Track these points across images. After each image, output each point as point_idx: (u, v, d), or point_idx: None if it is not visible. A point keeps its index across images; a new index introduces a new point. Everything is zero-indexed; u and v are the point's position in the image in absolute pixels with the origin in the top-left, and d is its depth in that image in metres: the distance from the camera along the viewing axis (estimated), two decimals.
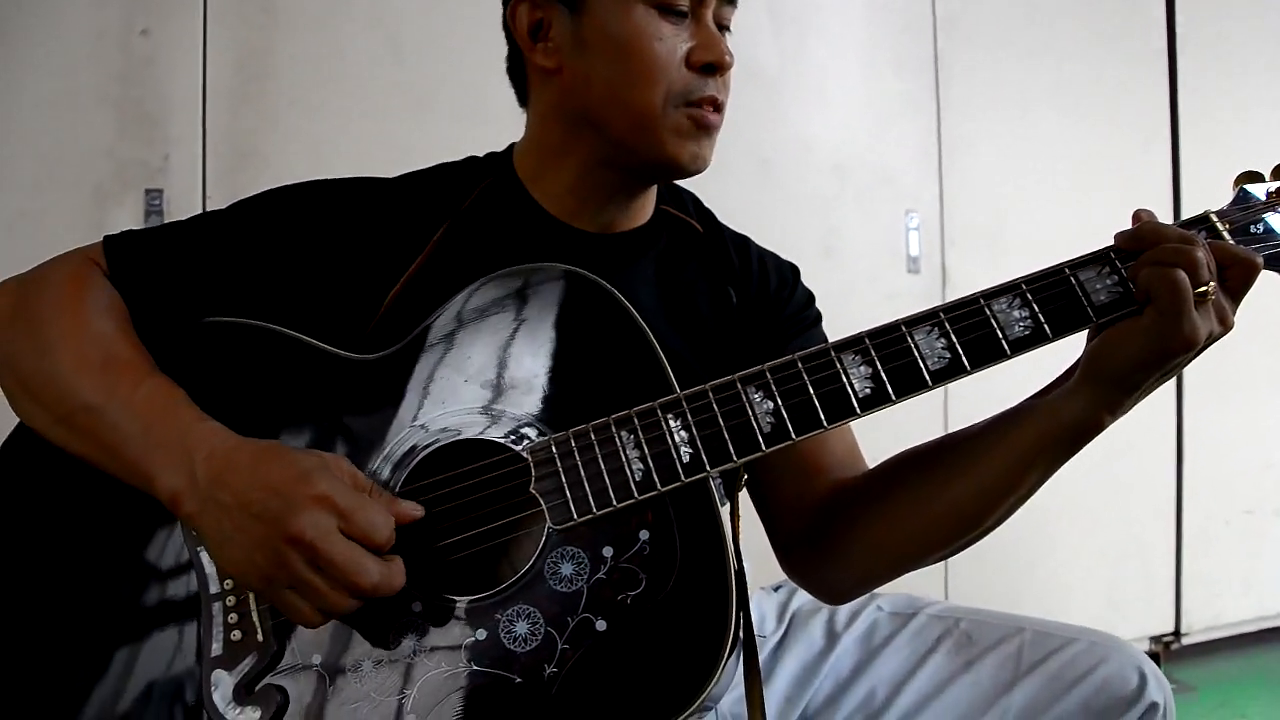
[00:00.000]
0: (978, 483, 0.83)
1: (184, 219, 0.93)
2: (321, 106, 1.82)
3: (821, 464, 0.96)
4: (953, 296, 0.79)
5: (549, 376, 0.81)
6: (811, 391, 0.78)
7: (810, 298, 1.06)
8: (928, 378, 0.78)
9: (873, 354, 0.79)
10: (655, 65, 0.87)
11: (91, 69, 1.70)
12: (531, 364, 0.81)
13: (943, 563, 1.03)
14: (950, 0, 2.43)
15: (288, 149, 1.80)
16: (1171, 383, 2.23)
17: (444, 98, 1.90)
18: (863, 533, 0.90)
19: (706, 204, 1.08)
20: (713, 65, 0.88)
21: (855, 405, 0.78)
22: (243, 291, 0.88)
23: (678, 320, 0.95)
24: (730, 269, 1.01)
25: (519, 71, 0.98)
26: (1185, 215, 0.75)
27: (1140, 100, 2.60)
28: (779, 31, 2.25)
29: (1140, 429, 2.19)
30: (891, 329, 0.79)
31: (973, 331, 0.78)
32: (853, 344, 0.79)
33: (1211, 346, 0.75)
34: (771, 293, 1.02)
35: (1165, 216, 2.46)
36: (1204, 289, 0.72)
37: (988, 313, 0.78)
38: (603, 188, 0.94)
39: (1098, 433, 0.78)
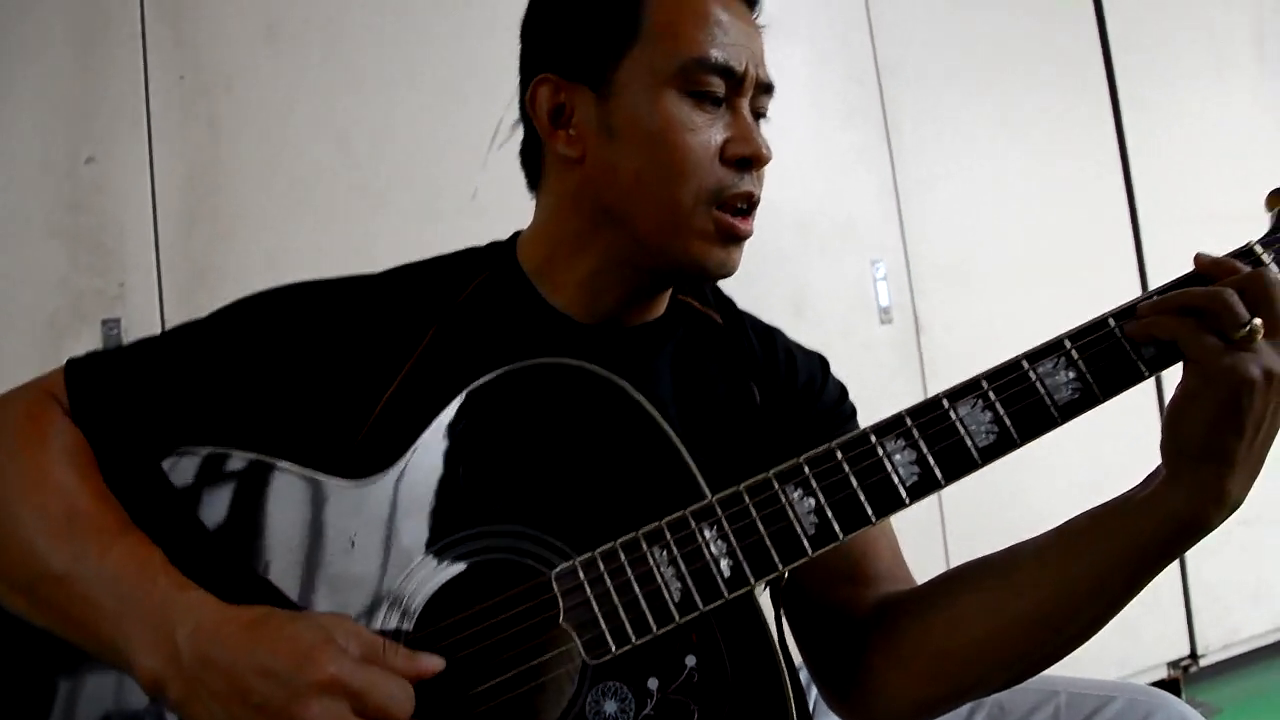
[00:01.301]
0: (1064, 588, 0.74)
1: (154, 335, 0.86)
2: (275, 215, 1.76)
3: (868, 572, 0.88)
4: (928, 343, 0.74)
5: (565, 489, 0.74)
6: (855, 484, 0.73)
7: (843, 392, 0.99)
8: (976, 456, 0.72)
9: (915, 436, 0.73)
10: (688, 159, 0.81)
11: (39, 200, 1.64)
12: (544, 476, 0.75)
13: None
14: (890, 46, 2.44)
15: (245, 262, 1.74)
16: (1153, 394, 2.27)
17: (398, 195, 1.85)
18: (921, 652, 0.80)
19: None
20: (749, 160, 0.83)
21: (903, 494, 0.72)
22: (221, 413, 0.80)
23: (698, 420, 0.88)
24: (753, 363, 0.94)
25: (534, 156, 0.92)
26: (1144, 229, 0.72)
27: (1087, 124, 2.62)
28: None
29: (1132, 448, 2.16)
30: (932, 406, 0.74)
31: (1020, 400, 0.73)
32: (893, 427, 0.74)
33: None
34: (800, 388, 0.95)
35: (1126, 232, 2.50)
36: (1244, 329, 0.67)
37: (1033, 377, 0.73)
38: (619, 284, 0.88)
39: (1202, 528, 0.70)
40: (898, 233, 2.42)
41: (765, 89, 0.86)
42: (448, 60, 1.89)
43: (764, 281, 2.22)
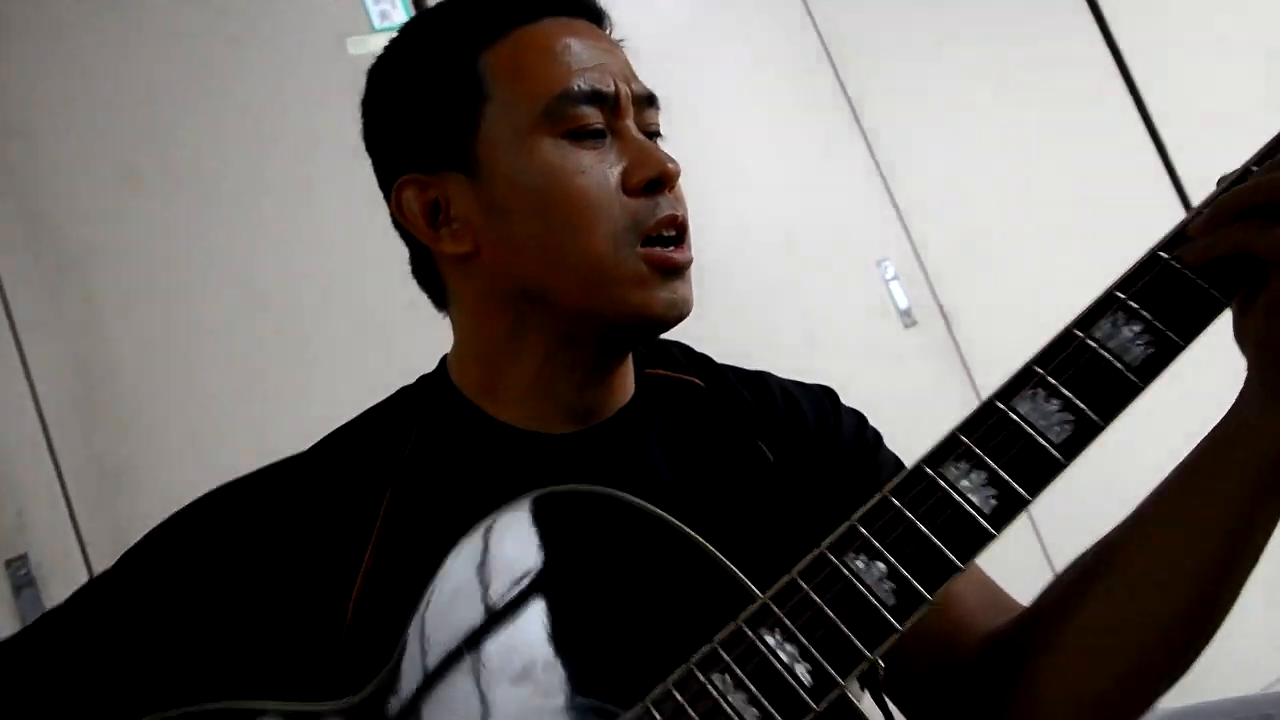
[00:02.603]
0: (1199, 552, 0.73)
1: (56, 606, 0.83)
2: (184, 387, 1.75)
3: (961, 617, 0.86)
4: (966, 337, 0.71)
5: (584, 639, 0.72)
6: (926, 529, 0.69)
7: (861, 420, 1.00)
8: (1057, 454, 0.69)
9: (978, 452, 0.70)
10: (588, 204, 0.82)
11: None
12: (557, 632, 0.72)
13: None
14: (832, 18, 2.48)
15: (159, 449, 1.71)
16: None
17: (323, 327, 1.85)
18: (1051, 676, 0.79)
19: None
20: (657, 180, 0.84)
21: (985, 525, 0.68)
22: (170, 671, 0.78)
23: (712, 503, 0.87)
24: (753, 419, 0.94)
25: (427, 270, 0.92)
26: (1167, 141, 0.69)
27: (1073, 50, 2.65)
28: (669, 122, 2.21)
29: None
30: (986, 413, 0.71)
31: (1087, 374, 0.70)
32: (948, 451, 0.71)
33: None
34: (813, 430, 0.95)
35: (1147, 152, 2.50)
36: None
37: (1093, 344, 0.70)
38: (570, 372, 0.88)
39: None
40: (896, 223, 2.43)
41: (647, 101, 0.88)
42: (350, 168, 1.90)
43: (764, 318, 2.23)
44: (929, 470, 0.70)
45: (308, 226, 1.90)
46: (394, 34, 0.93)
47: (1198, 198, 2.40)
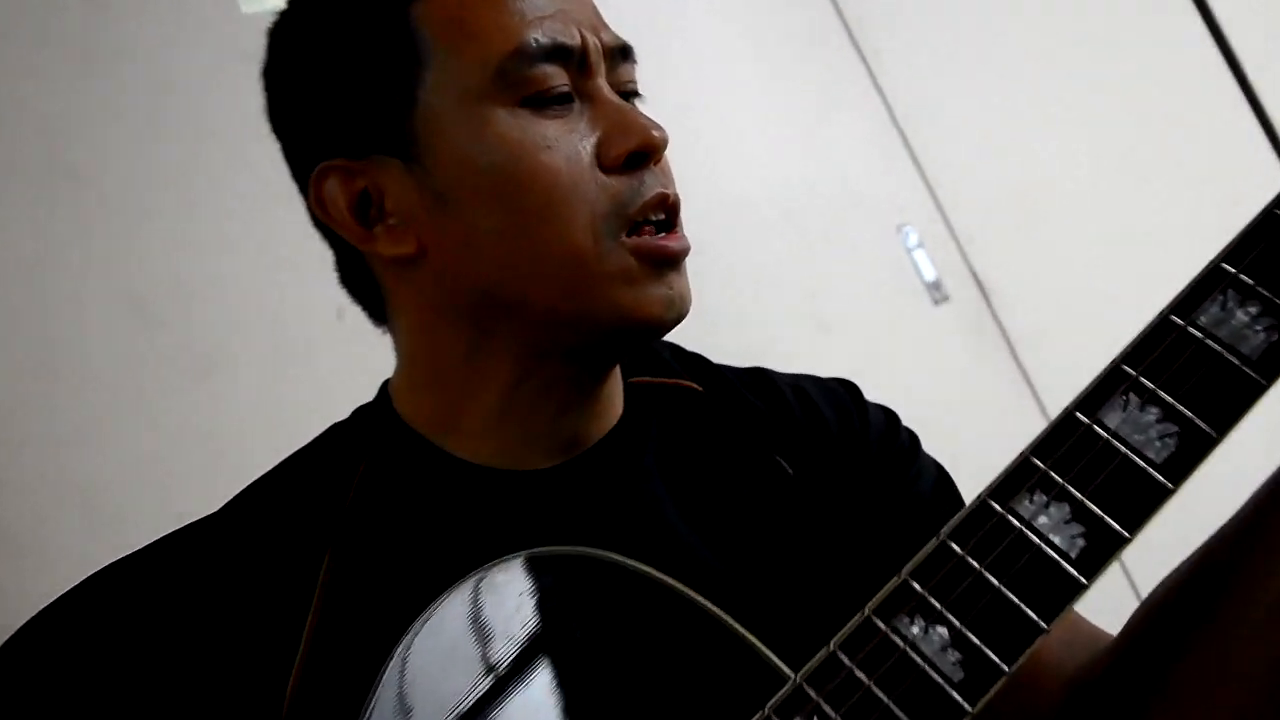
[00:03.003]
0: None
1: None
2: (52, 435, 1.69)
3: (1037, 657, 0.83)
4: (1002, 310, 0.68)
5: None
6: (997, 583, 0.65)
7: (891, 418, 1.00)
8: (1160, 477, 0.64)
9: (1058, 481, 0.66)
10: (558, 186, 0.80)
11: None
12: None
13: None
14: None
15: (27, 515, 1.63)
16: None
17: (237, 343, 1.81)
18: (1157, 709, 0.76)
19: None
20: (639, 153, 0.82)
21: (1073, 572, 0.64)
22: None
23: (724, 542, 0.87)
24: (767, 427, 0.94)
25: (359, 276, 0.90)
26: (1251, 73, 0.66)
27: None
28: (665, 79, 2.17)
29: None
30: (1065, 428, 0.67)
31: (1192, 371, 0.66)
32: (1020, 479, 0.67)
33: None
34: (836, 434, 0.95)
35: (1224, 81, 2.46)
36: None
37: (1198, 333, 0.66)
38: (547, 395, 0.86)
39: None
40: (918, 182, 2.42)
41: (621, 54, 0.86)
42: (252, 153, 1.85)
43: (766, 303, 2.21)
44: (996, 506, 0.67)
45: (204, 224, 1.84)
46: None
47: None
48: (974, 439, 2.08)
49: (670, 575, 0.75)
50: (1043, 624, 0.64)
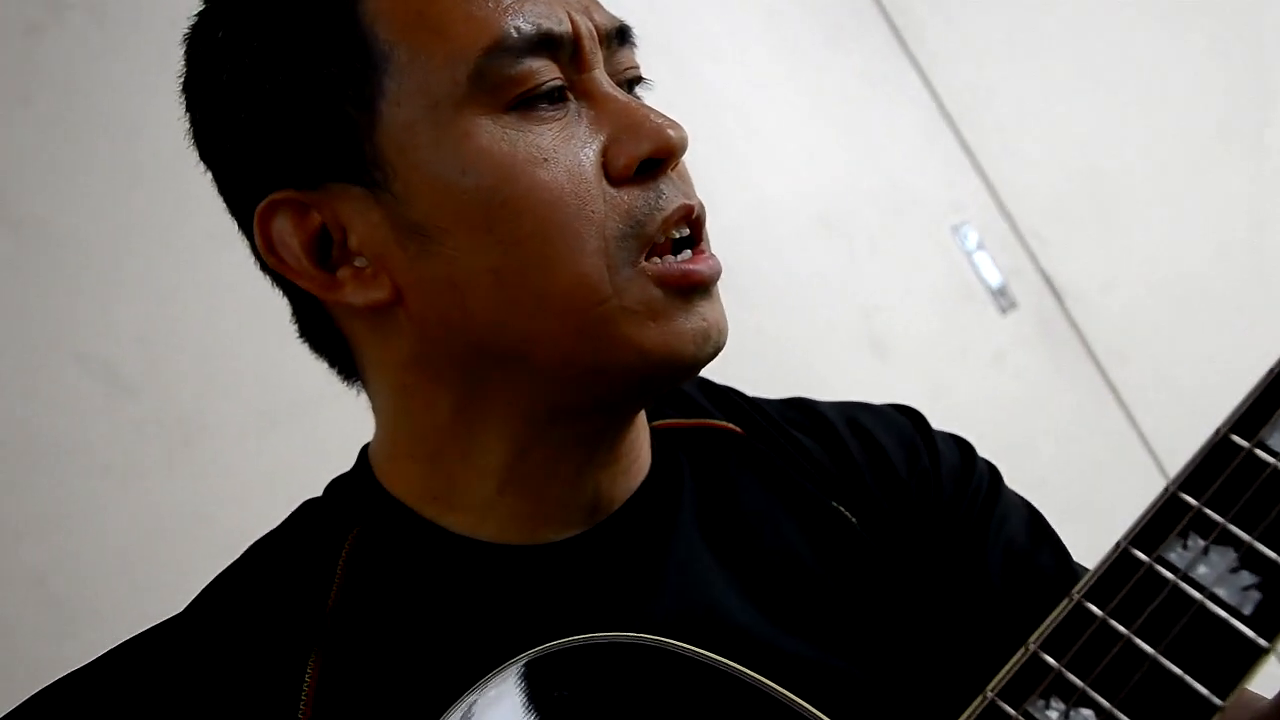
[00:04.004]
0: None
1: None
2: (12, 513, 1.66)
3: None
4: (1079, 314, 0.63)
5: None
6: (1153, 651, 0.60)
7: (966, 451, 0.98)
8: None
9: (1216, 520, 0.61)
10: (559, 207, 0.74)
11: None
12: None
13: None
14: None
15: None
16: None
17: (213, 409, 1.79)
18: None
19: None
20: (656, 159, 0.77)
21: (1250, 633, 0.59)
22: None
23: (784, 610, 0.84)
24: (823, 472, 0.92)
25: (323, 331, 0.85)
26: None
27: None
28: (665, 69, 2.17)
29: None
30: (1219, 454, 0.62)
31: None
32: (1169, 520, 0.62)
33: None
34: (904, 475, 0.93)
35: None
36: None
37: None
38: (561, 458, 0.82)
39: None
40: (974, 177, 2.40)
41: (618, 37, 0.81)
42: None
43: (810, 322, 2.19)
44: (1141, 554, 0.62)
45: (177, 276, 1.83)
46: None
47: None
48: (1059, 467, 2.01)
49: (725, 656, 0.72)
50: (1217, 700, 0.60)
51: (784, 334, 2.13)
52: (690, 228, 0.78)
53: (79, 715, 0.78)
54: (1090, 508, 0.97)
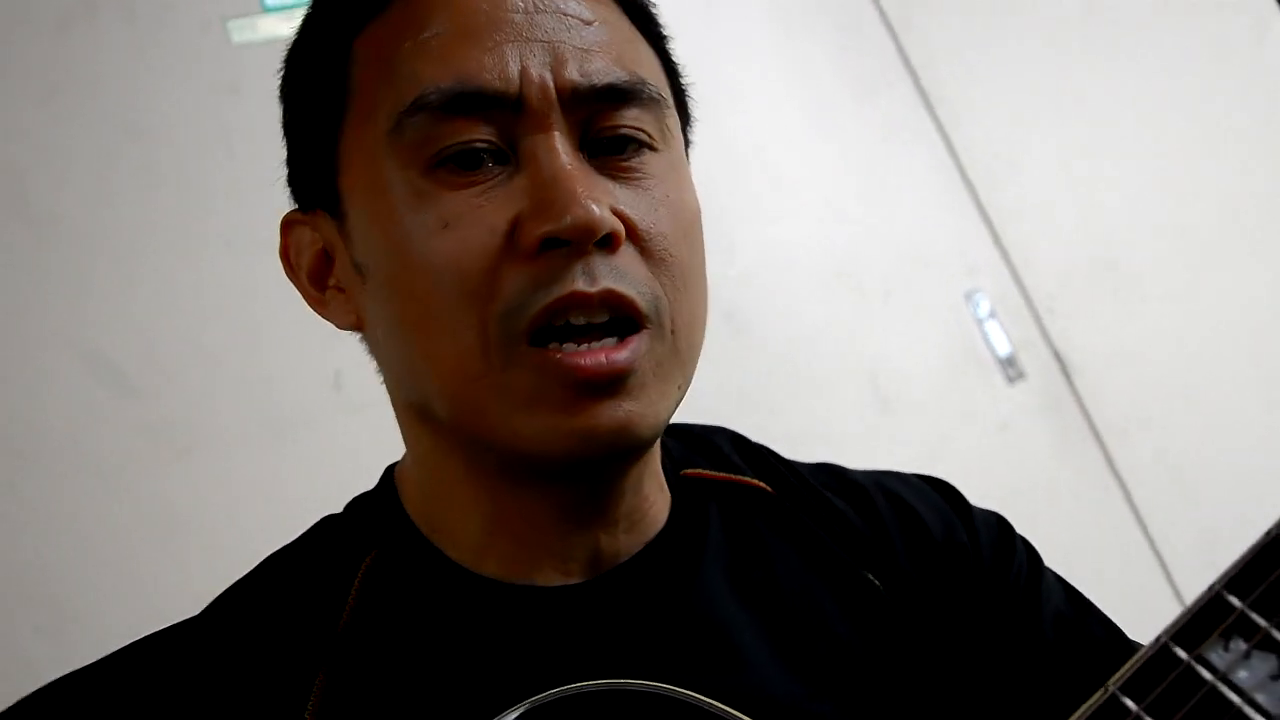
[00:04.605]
0: None
1: None
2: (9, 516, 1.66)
3: None
4: (1086, 390, 0.61)
5: None
6: None
7: (1004, 527, 0.95)
8: None
9: (1260, 624, 0.60)
10: (442, 279, 0.73)
11: None
12: None
13: None
14: None
15: None
16: None
17: (214, 415, 1.78)
18: None
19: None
20: (555, 238, 0.71)
21: None
22: None
23: (813, 671, 0.82)
24: (854, 536, 0.89)
25: None
26: None
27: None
28: (706, 119, 2.13)
29: None
30: (1268, 555, 0.62)
31: None
32: (1211, 620, 0.61)
33: None
34: (940, 544, 0.91)
35: None
36: None
37: None
38: (539, 515, 0.80)
39: None
40: (989, 243, 2.39)
41: (606, 96, 0.75)
42: (245, 195, 1.85)
43: (816, 378, 2.17)
44: (1181, 652, 0.61)
45: (186, 280, 1.83)
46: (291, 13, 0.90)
47: None
48: (1053, 540, 1.99)
49: (744, 710, 0.71)
50: None
51: (790, 380, 2.13)
52: (614, 313, 0.73)
53: (82, 714, 0.77)
54: (1080, 582, 0.96)
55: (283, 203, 0.87)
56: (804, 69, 2.38)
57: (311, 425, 1.76)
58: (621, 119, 0.76)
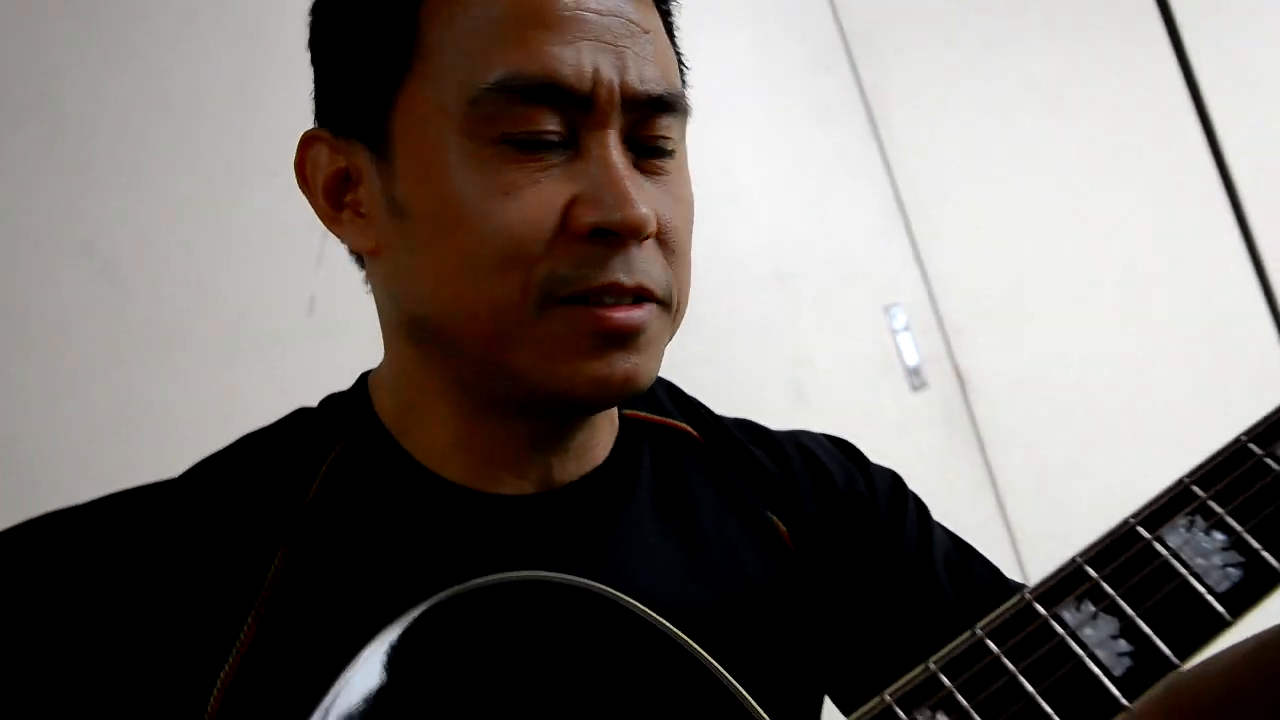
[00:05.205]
0: None
1: None
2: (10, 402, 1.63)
3: None
4: (978, 405, 0.66)
5: None
6: (1032, 689, 0.62)
7: (898, 482, 0.98)
8: (1219, 606, 0.63)
9: (1109, 593, 0.64)
10: (502, 238, 0.73)
11: None
12: None
13: None
14: (856, 10, 2.45)
15: None
16: None
17: (195, 329, 1.75)
18: None
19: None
20: (609, 230, 0.73)
21: (1115, 691, 0.62)
22: None
23: (719, 590, 0.85)
24: (767, 481, 0.92)
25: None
26: (1247, 201, 0.66)
27: (1142, 61, 2.63)
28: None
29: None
30: (1124, 540, 0.66)
31: (1266, 502, 0.64)
32: (1069, 586, 0.65)
33: None
34: (842, 492, 0.93)
35: (1222, 213, 2.49)
36: None
37: (1276, 465, 0.65)
38: (503, 436, 0.82)
39: None
40: (913, 264, 2.41)
41: (653, 106, 0.77)
42: (249, 92, 1.80)
43: (746, 362, 2.19)
44: (1041, 609, 0.65)
45: (185, 195, 1.77)
46: None
47: (1273, 260, 2.43)
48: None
49: (659, 614, 0.72)
50: None
51: (720, 366, 2.13)
52: (626, 300, 0.76)
53: (56, 556, 0.77)
54: None
55: (284, 135, 0.86)
56: (774, 91, 2.38)
57: (283, 344, 1.73)
58: (660, 127, 0.78)
